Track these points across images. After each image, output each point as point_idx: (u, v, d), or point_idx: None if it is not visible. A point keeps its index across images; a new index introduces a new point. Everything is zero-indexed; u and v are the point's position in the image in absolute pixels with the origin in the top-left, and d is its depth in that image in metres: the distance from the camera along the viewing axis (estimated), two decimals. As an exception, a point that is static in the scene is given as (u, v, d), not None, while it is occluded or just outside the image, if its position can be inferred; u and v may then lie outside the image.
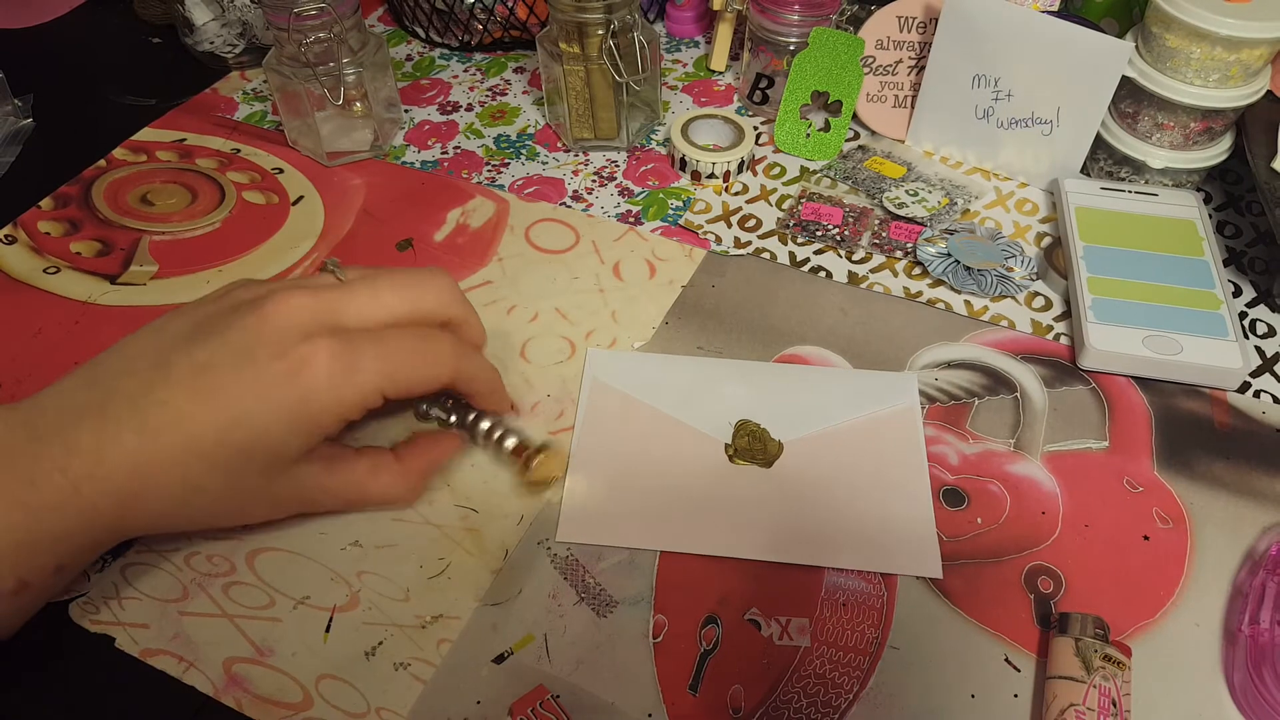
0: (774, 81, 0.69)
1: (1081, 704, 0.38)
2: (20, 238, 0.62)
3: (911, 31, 0.65)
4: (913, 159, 0.66)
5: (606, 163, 0.67)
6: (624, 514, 0.46)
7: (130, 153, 0.69)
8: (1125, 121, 0.61)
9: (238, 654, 0.41)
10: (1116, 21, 0.67)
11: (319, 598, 0.43)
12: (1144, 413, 0.51)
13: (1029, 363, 0.53)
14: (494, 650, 0.41)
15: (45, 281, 0.59)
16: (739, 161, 0.65)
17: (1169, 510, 0.47)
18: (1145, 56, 0.58)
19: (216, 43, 0.75)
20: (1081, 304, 0.54)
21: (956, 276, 0.58)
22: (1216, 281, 0.55)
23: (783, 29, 0.67)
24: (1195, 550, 0.45)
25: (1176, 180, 0.62)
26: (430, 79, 0.75)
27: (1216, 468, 0.48)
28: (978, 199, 0.64)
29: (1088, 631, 0.40)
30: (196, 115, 0.72)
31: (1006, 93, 0.62)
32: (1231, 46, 0.54)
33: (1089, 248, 0.57)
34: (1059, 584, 0.44)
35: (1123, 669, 0.39)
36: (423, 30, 0.79)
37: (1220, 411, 0.51)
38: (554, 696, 0.40)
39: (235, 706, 0.40)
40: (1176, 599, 0.43)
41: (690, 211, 0.63)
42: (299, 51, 0.61)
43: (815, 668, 0.41)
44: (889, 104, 0.68)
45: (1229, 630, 0.42)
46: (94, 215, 0.63)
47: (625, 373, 0.52)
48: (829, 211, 0.62)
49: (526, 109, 0.72)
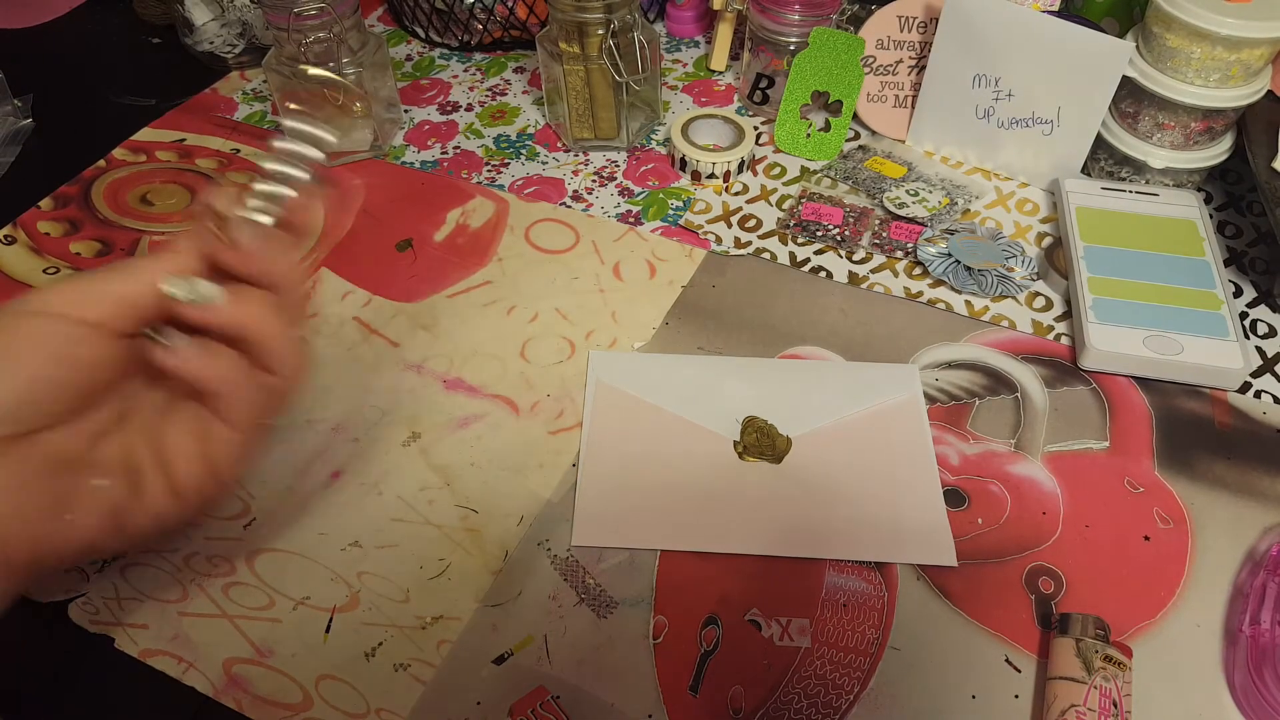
0: (774, 81, 0.69)
1: (1082, 704, 0.38)
2: (20, 238, 0.62)
3: (912, 31, 0.65)
4: (913, 159, 0.66)
5: (606, 163, 0.67)
6: (637, 515, 0.46)
7: (130, 153, 0.68)
8: (1126, 121, 0.61)
9: (237, 654, 0.41)
10: (1117, 21, 0.67)
11: (319, 598, 0.43)
12: (1145, 413, 0.51)
13: (1030, 363, 0.53)
14: (494, 651, 0.41)
15: (45, 282, 0.59)
16: (739, 161, 0.65)
17: (1170, 510, 0.47)
18: (1146, 56, 0.58)
19: (216, 43, 0.75)
20: (1082, 304, 0.54)
21: (957, 277, 0.58)
22: (1217, 281, 0.55)
23: (783, 29, 0.66)
24: (1196, 551, 0.45)
25: (1177, 180, 0.62)
26: (430, 79, 0.75)
27: (1217, 468, 0.48)
28: (978, 199, 0.63)
29: (1088, 632, 0.40)
30: (196, 115, 0.72)
31: (1007, 92, 0.62)
32: (1232, 46, 0.54)
33: (1090, 248, 0.57)
34: (1060, 584, 0.44)
35: (1123, 669, 0.39)
36: (422, 30, 0.79)
37: (1221, 412, 0.51)
38: (554, 698, 0.40)
39: (235, 707, 0.40)
40: (1177, 599, 0.43)
41: (690, 212, 0.63)
42: (299, 51, 0.61)
43: (816, 668, 0.41)
44: (889, 104, 0.68)
45: (1230, 631, 0.42)
46: (94, 215, 0.63)
47: (629, 374, 0.52)
48: (829, 211, 0.62)
49: (526, 109, 0.72)
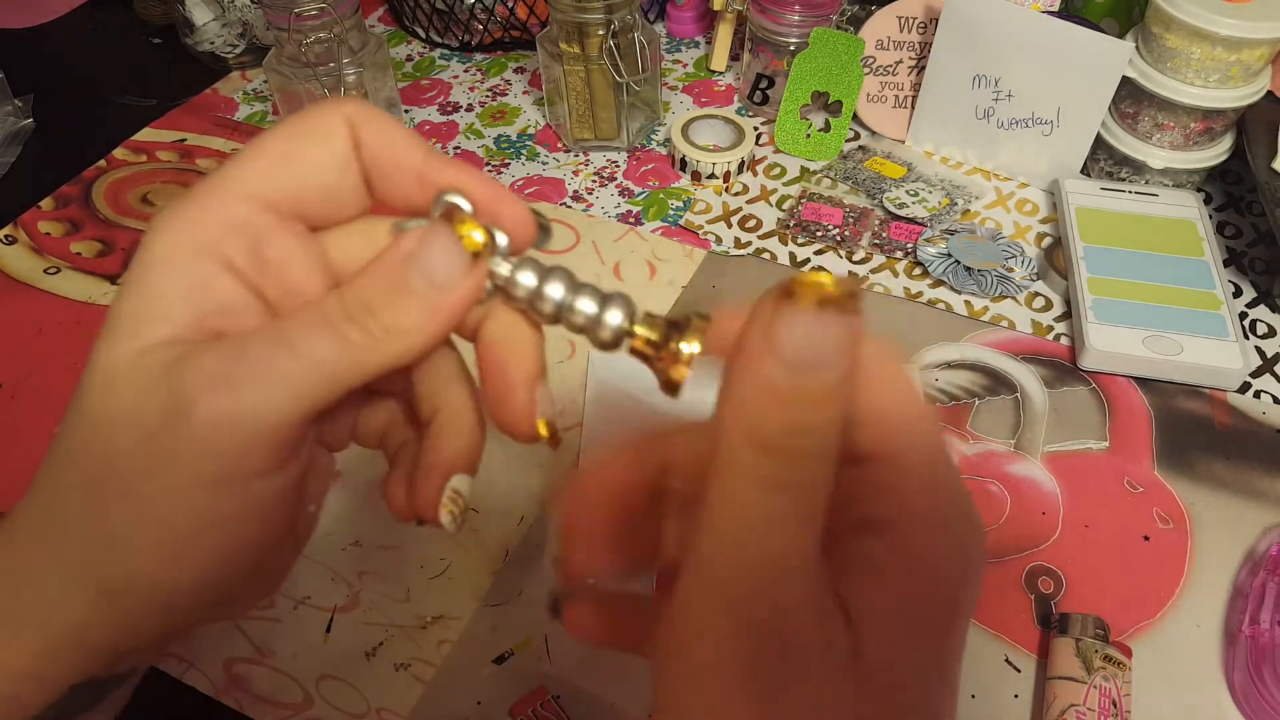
0: (774, 82, 0.69)
1: (1082, 704, 0.38)
2: (20, 238, 0.62)
3: (912, 32, 0.65)
4: (913, 159, 0.66)
5: (607, 163, 0.67)
6: None
7: (131, 153, 0.68)
8: (1125, 122, 0.61)
9: (238, 654, 0.41)
10: (1116, 22, 0.67)
11: (319, 598, 0.43)
12: (1144, 413, 0.51)
13: (1029, 363, 0.53)
14: (495, 651, 0.41)
15: (45, 282, 0.59)
16: (739, 162, 0.65)
17: (1169, 510, 0.47)
18: (1145, 57, 0.58)
19: (217, 43, 0.75)
20: (1082, 304, 0.54)
21: (957, 277, 0.58)
22: (1217, 282, 0.55)
23: (783, 29, 0.67)
24: (1195, 551, 0.45)
25: (1177, 180, 0.62)
26: (430, 79, 0.75)
27: (1217, 468, 0.48)
28: (978, 199, 0.63)
29: (1088, 632, 0.40)
30: (197, 115, 0.72)
31: (1007, 93, 0.62)
32: (1232, 47, 0.54)
33: (1089, 248, 0.57)
34: (1059, 584, 0.44)
35: (1123, 669, 0.39)
36: (423, 30, 0.79)
37: (1220, 412, 0.51)
38: (555, 697, 0.40)
39: (235, 707, 0.40)
40: (1177, 599, 0.43)
41: (690, 212, 0.63)
42: (299, 52, 0.61)
43: (815, 668, 0.41)
44: (889, 104, 0.68)
45: (1229, 631, 0.42)
46: (94, 215, 0.63)
47: (629, 373, 0.52)
48: (829, 212, 0.62)
49: (527, 109, 0.72)
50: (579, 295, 0.25)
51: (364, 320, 0.23)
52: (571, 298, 0.25)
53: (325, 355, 0.23)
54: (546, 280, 0.25)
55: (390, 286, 0.23)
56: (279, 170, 0.24)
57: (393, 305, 0.23)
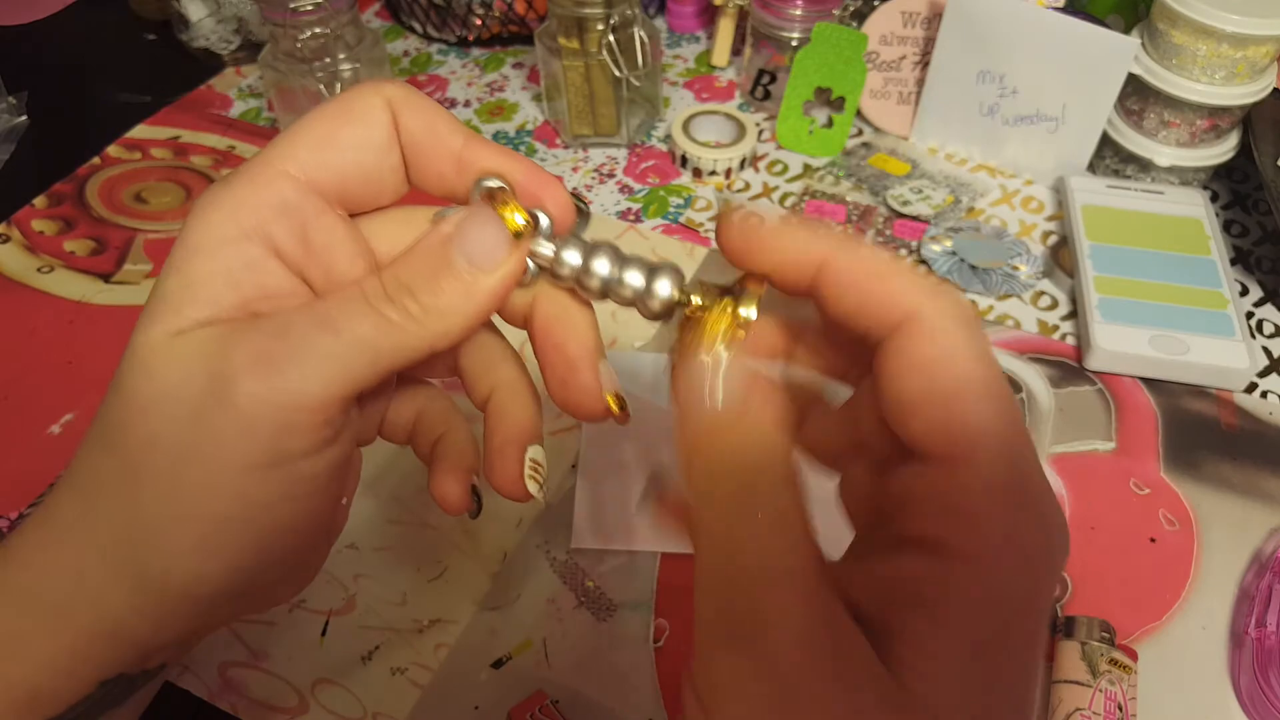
0: (776, 77, 0.69)
1: (1087, 708, 0.37)
2: (14, 236, 0.61)
3: (915, 27, 0.65)
4: (917, 156, 0.66)
5: (606, 160, 0.67)
6: (637, 517, 0.45)
7: (124, 150, 0.68)
8: (1131, 119, 0.61)
9: (233, 658, 0.41)
10: (1122, 18, 0.66)
11: (315, 601, 0.43)
12: (1151, 413, 0.50)
13: (1035, 363, 0.53)
14: (492, 655, 0.41)
15: (39, 281, 0.58)
16: (741, 158, 0.64)
17: (1175, 512, 0.46)
18: (1151, 53, 0.58)
19: (212, 39, 0.75)
20: (1088, 303, 0.53)
21: (961, 275, 0.57)
22: (1223, 280, 0.54)
23: (785, 24, 0.66)
24: (1202, 552, 0.45)
25: (1183, 178, 0.61)
26: (427, 75, 0.75)
27: (1223, 469, 0.48)
28: (983, 197, 0.63)
29: (1093, 635, 0.40)
30: (191, 112, 0.71)
31: (1012, 89, 0.61)
32: (1238, 43, 0.54)
33: (1095, 246, 0.56)
34: (1064, 587, 0.43)
35: (1129, 673, 0.39)
36: (420, 25, 0.78)
37: (1227, 412, 0.51)
38: (553, 702, 0.39)
39: (230, 711, 0.39)
40: (1183, 602, 0.43)
41: (691, 209, 0.63)
42: (295, 47, 0.60)
43: (818, 672, 0.40)
44: (893, 100, 0.67)
45: (1235, 633, 0.42)
46: (88, 214, 0.63)
47: (629, 373, 0.52)
48: (832, 209, 0.62)
49: (525, 105, 0.72)
50: (626, 268, 0.24)
51: (404, 300, 0.23)
52: (619, 271, 0.24)
53: (366, 334, 0.22)
54: (592, 256, 0.24)
55: (430, 267, 0.23)
56: (322, 152, 0.24)
57: (432, 286, 0.23)
